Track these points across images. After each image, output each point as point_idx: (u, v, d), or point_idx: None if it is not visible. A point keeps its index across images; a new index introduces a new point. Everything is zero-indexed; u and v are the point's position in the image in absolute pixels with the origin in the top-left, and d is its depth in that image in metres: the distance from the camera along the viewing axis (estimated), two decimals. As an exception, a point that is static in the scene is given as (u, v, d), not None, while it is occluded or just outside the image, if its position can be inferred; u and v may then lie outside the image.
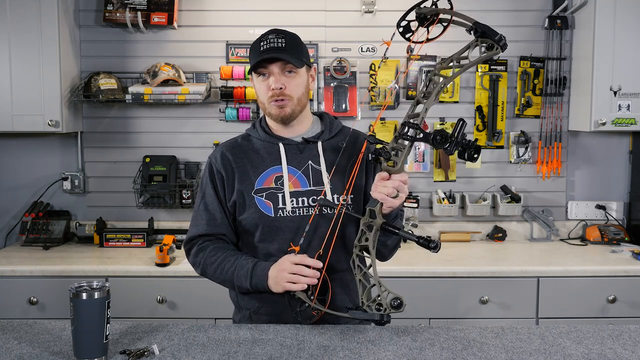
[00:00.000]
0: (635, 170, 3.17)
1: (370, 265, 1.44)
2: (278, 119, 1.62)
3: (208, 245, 1.65)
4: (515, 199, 3.10)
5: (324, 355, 1.32)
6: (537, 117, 3.15)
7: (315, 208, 1.59)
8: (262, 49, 1.57)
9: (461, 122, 1.39)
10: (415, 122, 1.43)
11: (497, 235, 3.12)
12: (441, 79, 1.46)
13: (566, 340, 1.41)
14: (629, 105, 2.83)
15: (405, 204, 3.03)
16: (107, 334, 1.29)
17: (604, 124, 2.83)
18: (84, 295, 1.26)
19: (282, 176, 1.61)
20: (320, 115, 1.74)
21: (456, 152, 1.39)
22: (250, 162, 1.64)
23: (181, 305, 2.60)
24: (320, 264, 1.49)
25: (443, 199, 3.10)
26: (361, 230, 1.47)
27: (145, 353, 1.32)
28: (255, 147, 1.66)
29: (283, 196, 1.60)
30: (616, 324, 1.78)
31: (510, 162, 3.17)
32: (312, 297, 1.48)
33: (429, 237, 1.45)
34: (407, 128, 1.42)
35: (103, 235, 2.97)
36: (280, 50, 1.56)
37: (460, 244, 3.04)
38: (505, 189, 3.13)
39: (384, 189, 1.43)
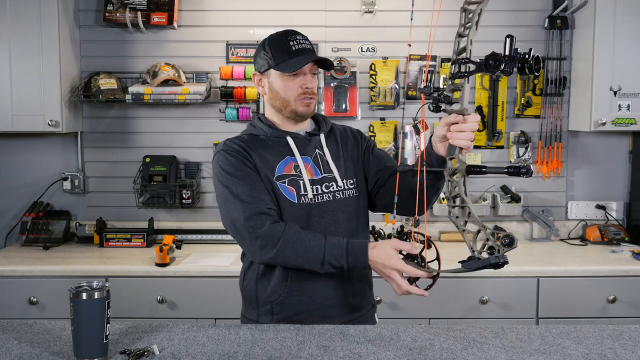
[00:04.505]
0: (635, 170, 3.17)
1: (470, 213, 1.39)
2: (304, 116, 1.67)
3: (282, 223, 1.56)
4: (515, 199, 3.10)
5: (324, 355, 1.32)
6: (537, 117, 3.15)
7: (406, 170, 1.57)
8: (294, 48, 1.61)
9: (509, 37, 1.31)
10: (464, 56, 1.36)
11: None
12: (475, 6, 1.37)
13: (566, 340, 1.41)
14: (629, 105, 2.83)
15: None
16: (107, 334, 1.28)
17: (604, 124, 2.83)
18: (84, 295, 1.26)
19: (298, 165, 1.64)
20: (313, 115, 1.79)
21: (515, 70, 1.31)
22: (266, 152, 1.65)
23: (181, 305, 2.60)
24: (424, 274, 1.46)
25: (443, 198, 3.10)
26: (448, 182, 1.43)
27: (145, 353, 1.32)
28: (264, 142, 1.67)
29: (304, 183, 1.62)
30: (616, 324, 1.78)
31: (510, 162, 3.17)
32: (423, 265, 1.45)
33: (517, 165, 1.36)
34: (458, 66, 1.36)
35: (103, 235, 2.97)
36: (313, 52, 1.65)
37: (460, 244, 3.01)
38: (505, 189, 3.13)
39: (465, 135, 1.39)
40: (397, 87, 3.08)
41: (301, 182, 1.63)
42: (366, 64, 3.10)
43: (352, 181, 1.70)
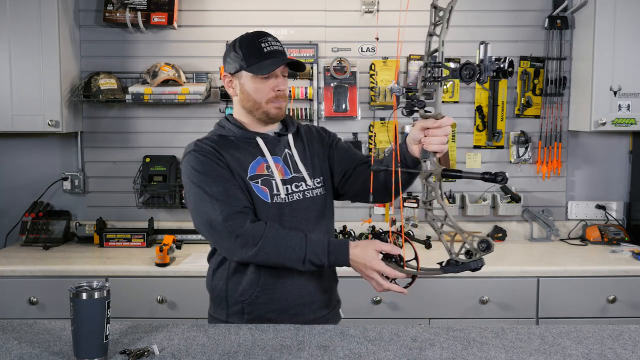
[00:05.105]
0: (635, 170, 3.17)
1: (446, 217, 1.40)
2: (275, 119, 1.69)
3: (262, 222, 1.57)
4: (515, 199, 3.10)
5: (324, 355, 1.32)
6: (537, 117, 3.15)
7: (371, 175, 1.62)
8: (265, 50, 1.61)
9: (482, 44, 1.31)
10: (436, 60, 1.35)
11: (497, 235, 3.12)
12: (446, 4, 1.35)
13: (566, 340, 1.41)
14: (629, 105, 2.83)
15: (405, 203, 3.04)
16: (107, 334, 1.28)
17: (604, 124, 2.83)
18: (84, 295, 1.26)
19: (270, 166, 1.66)
20: None
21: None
22: (237, 152, 1.65)
23: (181, 305, 2.60)
24: (402, 275, 1.49)
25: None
26: (424, 186, 1.45)
27: (145, 353, 1.32)
28: (234, 143, 1.67)
29: (276, 183, 1.64)
30: (616, 324, 1.78)
31: (510, 162, 3.17)
32: (401, 264, 1.49)
33: (492, 172, 1.35)
34: (430, 69, 1.36)
35: (103, 235, 2.97)
36: (284, 54, 1.66)
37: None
38: (505, 189, 3.13)
39: (438, 139, 1.42)
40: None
41: (273, 182, 1.64)
42: (366, 64, 3.10)
43: (319, 180, 1.73)
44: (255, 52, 1.61)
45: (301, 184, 1.68)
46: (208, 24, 3.10)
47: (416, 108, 1.41)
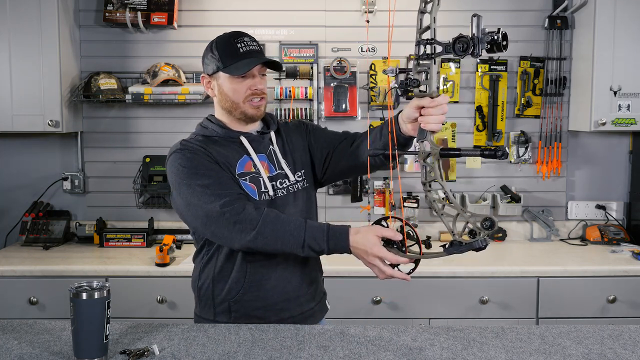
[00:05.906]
0: (635, 170, 3.17)
1: (447, 197, 1.38)
2: (254, 118, 1.70)
3: (260, 207, 1.56)
4: (515, 199, 3.10)
5: (324, 355, 1.32)
6: (537, 117, 3.15)
7: (369, 160, 1.64)
8: (242, 50, 1.63)
9: (475, 17, 1.27)
10: (428, 37, 1.32)
11: (497, 235, 3.12)
12: None
13: (566, 340, 1.41)
14: (629, 105, 2.83)
15: (405, 204, 3.04)
16: (107, 334, 1.28)
17: (604, 124, 2.83)
18: (84, 295, 1.26)
19: (256, 164, 1.67)
20: None
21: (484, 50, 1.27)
22: (224, 150, 1.66)
23: (181, 305, 2.60)
24: (405, 260, 1.47)
25: (443, 199, 3.09)
26: (423, 167, 1.42)
27: (145, 353, 1.32)
28: (218, 142, 1.68)
29: (263, 180, 1.66)
30: (616, 324, 1.78)
31: (510, 162, 3.17)
32: (403, 249, 1.47)
33: (492, 147, 1.32)
34: (422, 47, 1.34)
35: (103, 235, 2.97)
36: (261, 53, 1.68)
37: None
38: (505, 189, 3.13)
39: (435, 118, 1.39)
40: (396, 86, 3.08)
41: (261, 179, 1.66)
42: (366, 64, 3.10)
43: (300, 173, 1.75)
44: (231, 52, 1.62)
45: (285, 181, 1.71)
46: (208, 24, 3.10)
47: (410, 88, 1.39)
